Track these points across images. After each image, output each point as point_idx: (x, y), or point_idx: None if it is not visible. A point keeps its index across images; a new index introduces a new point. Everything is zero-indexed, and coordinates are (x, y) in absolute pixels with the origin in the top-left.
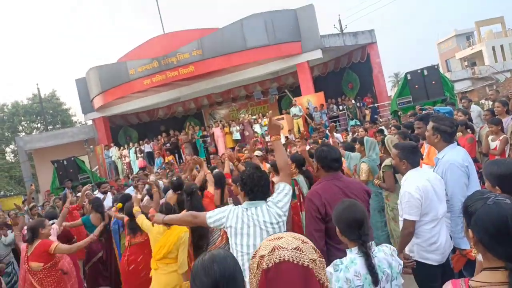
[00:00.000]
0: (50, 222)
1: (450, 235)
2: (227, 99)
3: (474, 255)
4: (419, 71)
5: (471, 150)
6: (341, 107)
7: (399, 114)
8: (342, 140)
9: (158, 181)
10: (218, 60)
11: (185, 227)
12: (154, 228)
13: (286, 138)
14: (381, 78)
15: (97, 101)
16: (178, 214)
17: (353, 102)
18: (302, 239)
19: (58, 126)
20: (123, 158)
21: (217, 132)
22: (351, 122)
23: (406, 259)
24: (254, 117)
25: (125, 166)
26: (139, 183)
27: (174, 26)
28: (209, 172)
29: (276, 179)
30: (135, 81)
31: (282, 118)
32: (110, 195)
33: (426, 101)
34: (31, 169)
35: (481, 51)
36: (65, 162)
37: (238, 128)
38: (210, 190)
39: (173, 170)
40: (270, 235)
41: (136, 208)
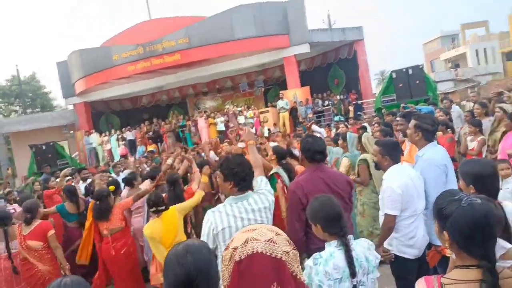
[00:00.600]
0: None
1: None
2: (213, 90)
3: (449, 255)
4: (404, 70)
5: (450, 150)
6: (326, 102)
7: (383, 111)
8: (325, 135)
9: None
10: (205, 49)
11: (171, 208)
12: (156, 227)
13: (268, 130)
14: (366, 76)
15: (78, 85)
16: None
17: (338, 97)
18: (275, 231)
19: (37, 109)
20: (104, 145)
21: (201, 122)
22: (336, 118)
23: (385, 252)
24: (239, 108)
25: (105, 153)
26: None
27: (161, 12)
28: (197, 170)
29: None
30: (119, 66)
31: (268, 111)
32: (89, 182)
33: (409, 100)
34: (8, 152)
35: (465, 53)
36: (43, 147)
37: (222, 119)
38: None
39: (155, 159)
40: (245, 227)
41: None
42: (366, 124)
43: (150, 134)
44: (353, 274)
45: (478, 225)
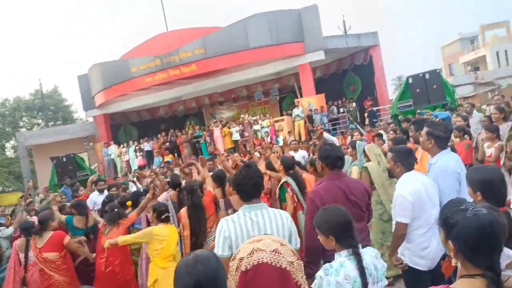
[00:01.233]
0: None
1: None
2: (229, 99)
3: (454, 265)
4: (421, 75)
5: (468, 156)
6: (341, 110)
7: (400, 118)
8: (337, 143)
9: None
10: (221, 59)
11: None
12: (162, 229)
13: (284, 139)
14: (383, 81)
15: (98, 98)
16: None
17: (354, 105)
18: (281, 242)
19: (59, 122)
20: (122, 156)
21: (216, 132)
22: (351, 126)
23: (398, 261)
24: (254, 118)
25: (124, 164)
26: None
27: (177, 24)
28: (209, 175)
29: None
30: (137, 78)
31: (282, 120)
32: (106, 194)
33: (427, 105)
34: (30, 165)
35: (484, 56)
36: (64, 159)
37: (238, 128)
38: (210, 190)
39: (172, 169)
40: (251, 238)
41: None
42: (382, 131)
43: (167, 144)
44: (365, 284)
45: (483, 235)
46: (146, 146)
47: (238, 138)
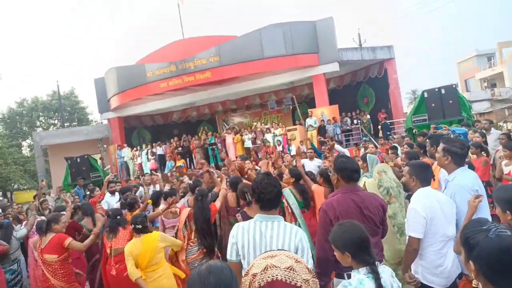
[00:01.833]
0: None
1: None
2: (242, 107)
3: (475, 286)
4: (437, 90)
5: (485, 173)
6: (355, 121)
7: (414, 131)
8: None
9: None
10: (235, 67)
11: (156, 232)
12: (135, 244)
13: (297, 148)
14: (397, 94)
15: (113, 101)
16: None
17: (368, 117)
18: (295, 258)
19: (74, 123)
20: (135, 159)
21: (228, 139)
22: (365, 138)
23: (411, 278)
24: (266, 126)
25: (136, 167)
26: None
27: (193, 32)
28: (224, 188)
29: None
30: (152, 83)
31: (295, 129)
32: (117, 195)
33: (442, 120)
34: (45, 164)
35: (501, 73)
36: (78, 160)
37: (250, 136)
38: (217, 205)
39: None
40: (265, 253)
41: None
42: (396, 144)
43: (179, 149)
44: None
45: (506, 256)
46: (159, 150)
47: (250, 146)
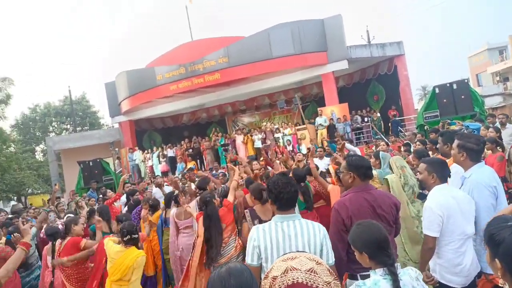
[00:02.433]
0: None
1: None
2: (251, 107)
3: (502, 285)
4: (448, 85)
5: (500, 169)
6: (366, 119)
7: (426, 128)
8: (359, 153)
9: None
10: (244, 68)
11: (142, 252)
12: (114, 247)
13: (308, 149)
14: (408, 91)
15: (124, 104)
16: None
17: (378, 115)
18: (316, 260)
19: (86, 128)
20: (146, 162)
21: (238, 139)
22: (377, 137)
23: (428, 278)
24: (276, 126)
25: (147, 170)
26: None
27: (202, 34)
28: (235, 180)
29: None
30: (162, 86)
31: (305, 128)
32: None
33: (454, 115)
34: (59, 168)
35: None
36: (90, 163)
37: (260, 136)
38: (230, 199)
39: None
40: (284, 255)
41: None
42: (409, 141)
43: (190, 151)
44: None
45: None
46: (170, 152)
47: (260, 146)
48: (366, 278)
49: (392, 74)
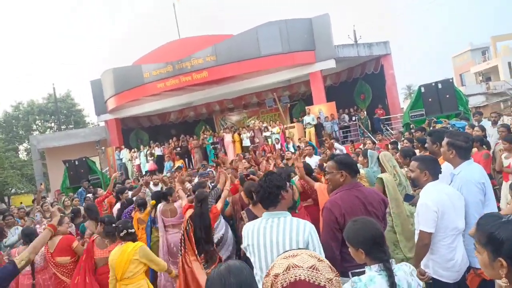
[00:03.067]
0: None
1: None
2: (239, 106)
3: (504, 284)
4: (433, 84)
5: (486, 167)
6: (353, 118)
7: (411, 126)
8: (345, 152)
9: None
10: (232, 66)
11: (140, 242)
12: (112, 254)
13: (298, 147)
14: (394, 90)
15: (110, 103)
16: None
17: (365, 113)
18: (318, 257)
19: (71, 126)
20: (133, 160)
21: (227, 138)
22: (365, 135)
23: (422, 274)
24: (264, 124)
25: (135, 169)
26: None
27: (189, 32)
28: (227, 189)
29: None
30: (149, 84)
31: (293, 127)
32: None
33: (439, 114)
34: (43, 168)
35: (496, 66)
36: (76, 162)
37: (248, 134)
38: (218, 206)
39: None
40: (285, 252)
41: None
42: (396, 139)
43: (178, 149)
44: None
45: None
46: (157, 150)
47: (249, 144)
48: (356, 275)
49: (378, 74)
